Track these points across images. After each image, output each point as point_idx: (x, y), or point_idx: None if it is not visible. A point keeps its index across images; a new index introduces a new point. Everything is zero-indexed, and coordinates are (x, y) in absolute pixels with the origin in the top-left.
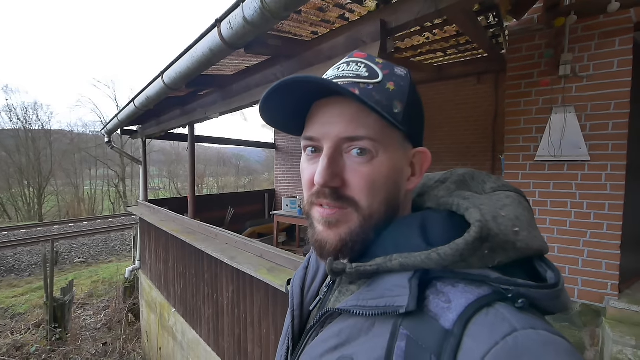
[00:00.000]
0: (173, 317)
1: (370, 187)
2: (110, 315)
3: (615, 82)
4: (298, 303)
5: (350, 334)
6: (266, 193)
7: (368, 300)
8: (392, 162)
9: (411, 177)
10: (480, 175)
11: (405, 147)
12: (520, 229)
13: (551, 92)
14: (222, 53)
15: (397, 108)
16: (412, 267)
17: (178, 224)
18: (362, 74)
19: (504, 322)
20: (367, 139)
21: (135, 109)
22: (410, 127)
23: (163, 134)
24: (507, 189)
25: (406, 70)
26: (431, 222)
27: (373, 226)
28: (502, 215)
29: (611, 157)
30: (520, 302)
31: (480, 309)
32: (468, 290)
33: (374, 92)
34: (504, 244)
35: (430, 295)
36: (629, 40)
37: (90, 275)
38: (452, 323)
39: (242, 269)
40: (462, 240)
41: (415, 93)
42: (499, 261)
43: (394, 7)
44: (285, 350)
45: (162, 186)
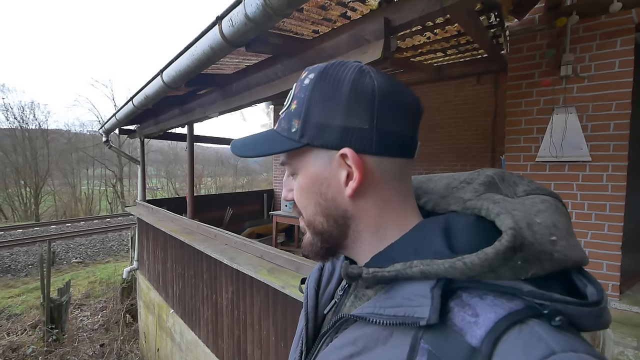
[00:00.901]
0: (171, 318)
1: (299, 200)
2: (107, 316)
3: (616, 82)
4: (312, 305)
5: (366, 343)
6: (265, 193)
7: (385, 309)
8: (308, 177)
9: (349, 182)
10: (511, 176)
11: (325, 156)
12: (558, 237)
13: (552, 93)
14: (223, 51)
15: (294, 127)
16: (434, 276)
17: (177, 224)
18: (285, 103)
19: (540, 343)
20: (286, 165)
21: (134, 108)
22: (315, 136)
23: (161, 133)
24: (542, 192)
25: (315, 74)
26: (456, 227)
27: (318, 234)
28: (537, 222)
29: (612, 157)
30: (557, 320)
31: (511, 325)
32: (498, 304)
33: (282, 121)
34: (539, 254)
35: (454, 307)
36: (630, 40)
37: (88, 275)
38: (480, 340)
39: (242, 269)
40: (492, 249)
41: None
42: (533, 273)
43: (398, 5)
44: (299, 353)
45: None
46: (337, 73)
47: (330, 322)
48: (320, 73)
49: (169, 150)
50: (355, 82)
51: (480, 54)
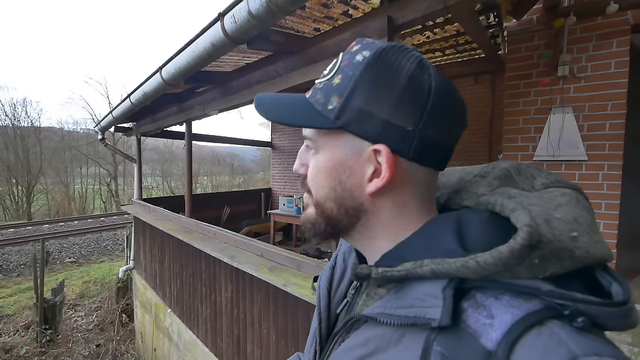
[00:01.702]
0: (169, 317)
1: (313, 178)
2: (102, 316)
3: (612, 83)
4: (325, 305)
5: (378, 345)
6: (262, 192)
7: (396, 309)
8: (330, 160)
9: (375, 179)
10: (528, 169)
11: (356, 145)
12: (579, 233)
13: (550, 93)
14: (225, 48)
15: (332, 104)
16: (445, 275)
17: (175, 223)
18: (325, 71)
19: (561, 346)
20: (308, 139)
21: (131, 105)
22: (353, 122)
23: (159, 131)
24: (562, 185)
25: (371, 53)
26: (469, 224)
27: (325, 217)
28: (556, 217)
29: (608, 157)
30: (579, 321)
31: (530, 327)
32: (514, 304)
33: (319, 92)
34: (558, 251)
35: (468, 307)
36: (626, 42)
37: (82, 275)
38: (496, 343)
39: (243, 268)
40: (506, 247)
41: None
42: (552, 272)
43: (402, 3)
44: (313, 353)
45: (155, 185)
46: (395, 59)
47: (342, 322)
48: (378, 54)
49: (165, 148)
50: (414, 76)
51: (478, 54)
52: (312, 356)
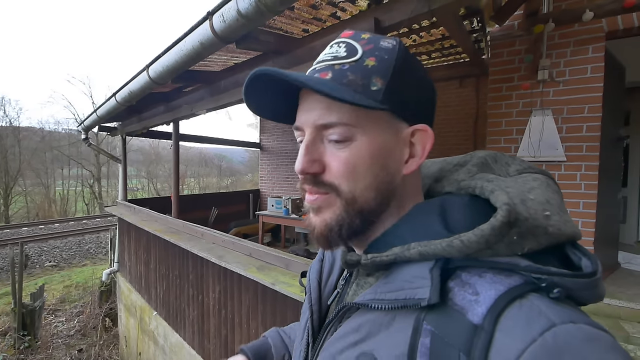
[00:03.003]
0: (154, 320)
1: (351, 171)
2: (84, 321)
3: (588, 87)
4: (316, 297)
5: (370, 329)
6: (251, 193)
7: (386, 293)
8: (374, 145)
9: (410, 159)
10: (503, 157)
11: (395, 126)
12: (551, 212)
13: (530, 96)
14: (214, 47)
15: (375, 85)
16: (432, 256)
17: (161, 224)
18: (339, 54)
19: (540, 316)
20: (341, 125)
21: (117, 104)
22: (398, 103)
23: (145, 131)
24: (533, 171)
25: (395, 41)
26: (451, 207)
27: (358, 211)
28: (530, 198)
29: (585, 158)
30: (555, 292)
31: (512, 301)
32: (497, 281)
33: (348, 72)
34: (534, 228)
35: (454, 286)
36: (601, 48)
37: (63, 279)
38: (482, 317)
39: (231, 268)
40: (487, 225)
41: (407, 64)
42: (529, 248)
43: (388, 6)
44: (305, 345)
45: (141, 187)
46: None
47: (334, 311)
48: (404, 45)
49: (150, 149)
50: (426, 72)
51: (463, 58)
52: (305, 348)
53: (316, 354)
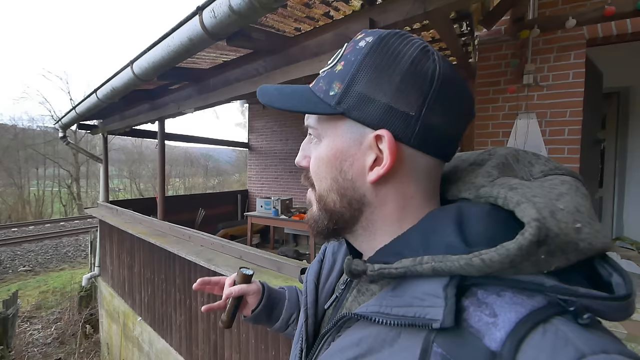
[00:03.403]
0: (139, 326)
1: (314, 170)
2: (62, 328)
3: (570, 92)
4: (312, 301)
5: (371, 345)
6: (239, 194)
7: (393, 308)
8: (331, 148)
9: (376, 167)
10: (526, 155)
11: (358, 132)
12: (582, 224)
13: (516, 99)
14: (203, 43)
15: (333, 90)
16: (447, 273)
17: (146, 226)
18: (330, 60)
19: (568, 345)
20: (310, 127)
21: (98, 101)
22: (353, 107)
23: (128, 129)
24: (560, 172)
25: (374, 39)
26: (469, 217)
27: (328, 211)
28: (560, 208)
29: (567, 160)
30: (586, 318)
31: (535, 326)
32: (517, 302)
33: (321, 79)
34: (564, 245)
35: (469, 305)
36: (582, 54)
37: (38, 285)
38: (500, 343)
39: (221, 271)
40: (513, 244)
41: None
42: (557, 266)
43: (383, 7)
44: (299, 351)
45: (123, 187)
46: (398, 44)
47: (332, 320)
48: (380, 39)
49: (133, 149)
50: (415, 60)
51: (451, 61)
52: (299, 353)
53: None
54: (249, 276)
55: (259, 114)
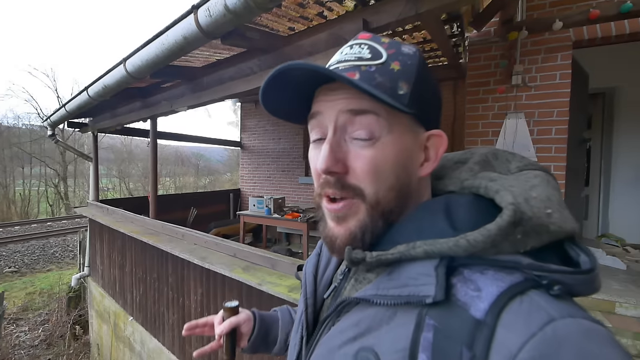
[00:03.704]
0: (130, 326)
1: (375, 172)
2: (50, 330)
3: (557, 92)
4: (311, 291)
5: (370, 324)
6: (231, 193)
7: (389, 289)
8: (398, 146)
9: (425, 163)
10: (504, 154)
11: (415, 131)
12: (553, 210)
13: (505, 99)
14: (198, 42)
15: (402, 89)
16: (437, 255)
17: (138, 225)
18: (364, 55)
19: (540, 311)
20: (373, 114)
21: (89, 98)
22: (420, 109)
23: (119, 127)
24: (534, 168)
25: (415, 48)
26: (456, 206)
27: (381, 214)
28: (533, 196)
29: (554, 159)
30: (556, 289)
31: (513, 297)
32: (498, 278)
33: (376, 73)
34: (537, 227)
35: (457, 283)
36: (568, 56)
37: (25, 286)
38: (484, 312)
39: (215, 269)
40: (494, 225)
41: (426, 71)
42: (532, 246)
43: (376, 8)
44: (300, 339)
45: (112, 186)
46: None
47: (332, 306)
48: (419, 52)
49: (122, 147)
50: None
51: (442, 62)
52: (299, 342)
53: (312, 348)
54: (235, 308)
55: (252, 113)
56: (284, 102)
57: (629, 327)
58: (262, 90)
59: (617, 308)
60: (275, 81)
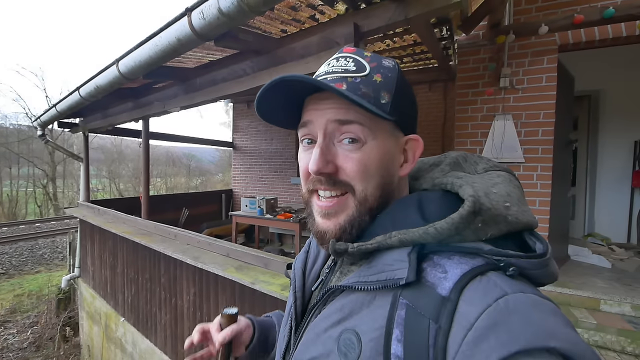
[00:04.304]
0: (122, 326)
1: (363, 171)
2: (39, 332)
3: (543, 94)
4: (300, 285)
5: (352, 308)
6: (223, 193)
7: (369, 276)
8: (382, 149)
9: (404, 164)
10: (472, 157)
11: (396, 135)
12: (511, 204)
13: (493, 101)
14: (191, 44)
15: (384, 99)
16: (410, 242)
17: (129, 226)
18: (349, 68)
19: (496, 287)
20: (357, 124)
21: (80, 98)
22: (399, 116)
23: (110, 128)
24: (498, 169)
25: (394, 62)
26: (427, 201)
27: (368, 210)
28: (493, 191)
29: (541, 159)
30: (511, 270)
31: (474, 277)
32: (463, 262)
33: (360, 84)
34: (495, 217)
35: (427, 267)
36: (554, 59)
37: (13, 288)
38: (449, 290)
39: (208, 268)
40: (457, 214)
41: (404, 82)
42: (492, 234)
43: (367, 12)
44: (289, 329)
45: (102, 187)
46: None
47: (318, 295)
48: (398, 65)
49: (112, 148)
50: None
51: (432, 64)
52: (288, 332)
53: (300, 336)
54: (234, 315)
55: (244, 113)
56: (277, 110)
57: (614, 324)
58: (257, 101)
59: (602, 305)
60: (272, 91)
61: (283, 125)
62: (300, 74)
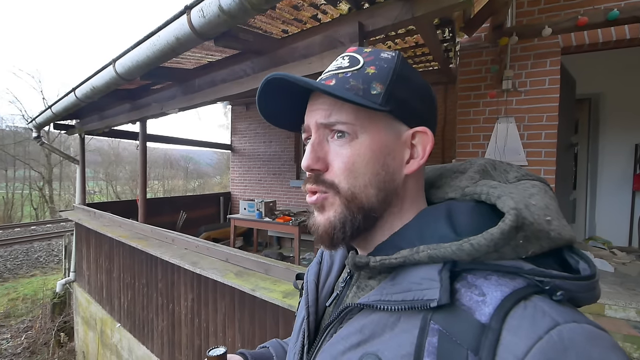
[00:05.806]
0: (117, 332)
1: (349, 168)
2: (33, 337)
3: (546, 97)
4: (313, 299)
5: (373, 330)
6: (221, 196)
7: (393, 295)
8: (375, 143)
9: (411, 160)
10: (501, 164)
11: (396, 128)
12: (552, 218)
13: (496, 104)
14: (190, 43)
15: (375, 89)
16: (441, 259)
17: (126, 229)
18: (343, 65)
19: (545, 316)
20: (340, 124)
21: (76, 100)
22: (397, 106)
23: (107, 130)
24: (531, 178)
25: (395, 53)
26: (458, 212)
27: (359, 209)
28: (532, 203)
29: (544, 162)
30: (559, 295)
31: (517, 302)
32: (502, 283)
33: (350, 78)
34: (538, 232)
35: (460, 288)
36: (557, 62)
37: (7, 292)
38: (489, 317)
39: (206, 274)
40: (497, 229)
41: (405, 72)
42: (533, 252)
43: (372, 11)
44: (300, 347)
45: (98, 190)
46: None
47: (334, 313)
48: (402, 56)
49: (109, 150)
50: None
51: (433, 66)
52: (300, 349)
53: (313, 356)
54: (222, 355)
55: (242, 116)
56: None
57: (619, 330)
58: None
59: (606, 310)
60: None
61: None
62: (287, 73)
